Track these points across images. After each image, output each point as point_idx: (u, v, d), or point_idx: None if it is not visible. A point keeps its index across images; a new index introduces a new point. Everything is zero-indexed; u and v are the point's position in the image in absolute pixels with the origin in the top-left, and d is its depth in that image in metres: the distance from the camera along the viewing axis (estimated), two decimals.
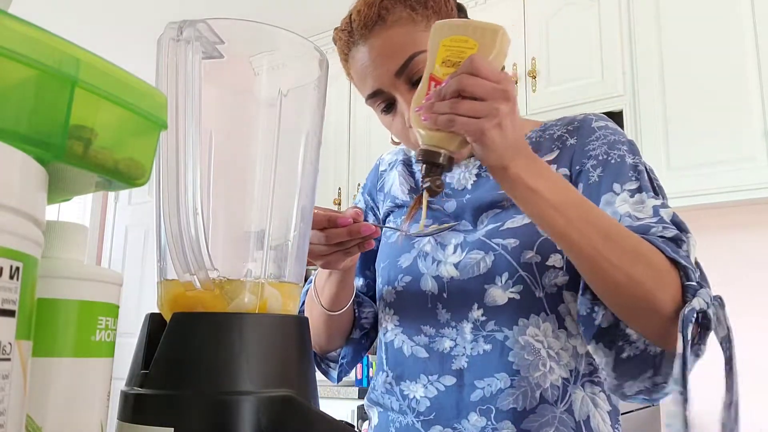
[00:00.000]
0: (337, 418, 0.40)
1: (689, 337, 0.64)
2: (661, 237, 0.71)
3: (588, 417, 0.78)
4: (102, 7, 2.98)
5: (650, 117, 2.15)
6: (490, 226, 0.83)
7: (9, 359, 0.25)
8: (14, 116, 0.29)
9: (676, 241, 0.71)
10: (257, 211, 0.46)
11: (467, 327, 0.80)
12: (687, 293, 0.67)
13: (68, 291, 0.37)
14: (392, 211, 0.97)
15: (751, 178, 1.94)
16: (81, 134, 0.32)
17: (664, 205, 0.76)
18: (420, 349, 0.84)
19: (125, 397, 0.40)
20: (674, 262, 0.68)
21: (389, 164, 1.02)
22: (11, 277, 0.25)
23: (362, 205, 1.03)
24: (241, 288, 0.43)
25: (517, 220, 0.81)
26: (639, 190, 0.77)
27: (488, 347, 0.79)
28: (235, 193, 0.48)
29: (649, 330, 0.71)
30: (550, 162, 0.84)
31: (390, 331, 0.88)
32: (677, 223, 0.74)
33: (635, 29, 2.23)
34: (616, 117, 2.24)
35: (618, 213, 0.76)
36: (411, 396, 0.83)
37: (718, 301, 0.69)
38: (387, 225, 0.96)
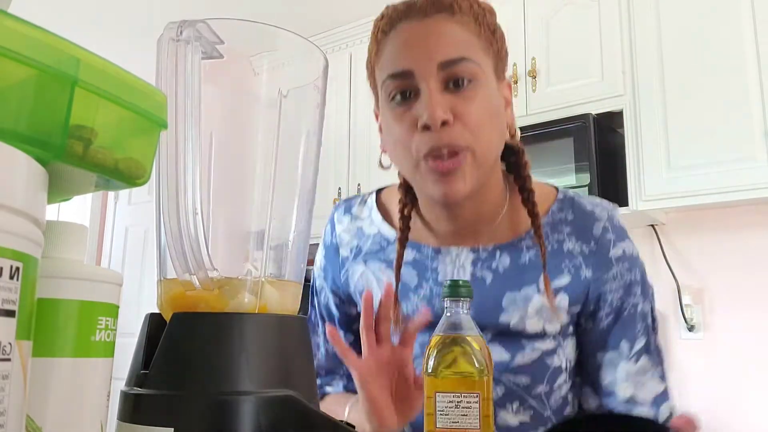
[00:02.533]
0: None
1: None
2: None
3: None
4: (102, 7, 2.97)
5: (650, 117, 2.15)
6: (498, 357, 0.79)
7: (9, 359, 0.25)
8: (14, 116, 0.29)
9: None
10: (257, 211, 0.46)
11: None
12: None
13: (68, 291, 0.37)
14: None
15: (751, 178, 1.94)
16: (81, 134, 0.32)
17: (665, 395, 0.78)
18: None
19: (125, 397, 0.40)
20: None
21: (351, 251, 0.90)
22: (11, 277, 0.25)
23: (327, 297, 0.93)
24: (240, 288, 0.43)
25: (527, 354, 0.79)
26: (645, 350, 0.79)
27: None
28: (235, 193, 0.48)
29: None
30: (561, 288, 0.79)
31: None
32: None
33: (635, 29, 2.23)
34: (616, 117, 2.24)
35: (616, 380, 0.79)
36: None
37: None
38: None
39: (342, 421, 0.40)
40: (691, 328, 2.22)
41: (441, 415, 0.59)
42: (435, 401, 0.60)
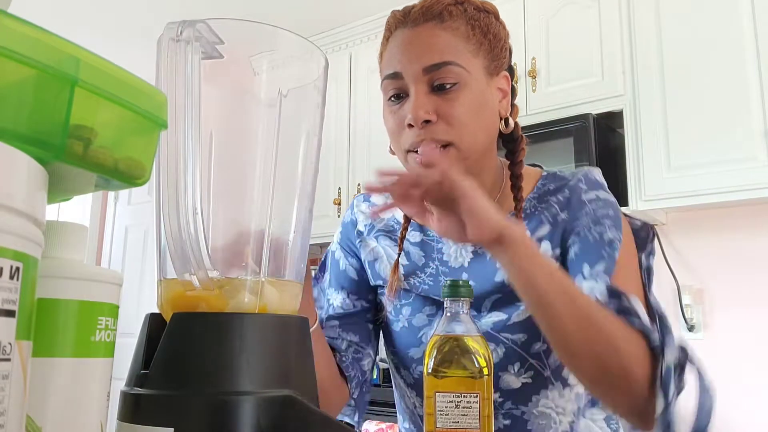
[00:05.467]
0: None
1: (672, 392, 0.70)
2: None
3: None
4: (102, 7, 2.98)
5: (650, 117, 2.15)
6: (496, 318, 0.85)
7: (9, 359, 0.25)
8: (14, 116, 0.29)
9: (621, 301, 0.74)
10: (257, 211, 0.46)
11: None
12: (655, 351, 0.72)
13: (68, 291, 0.37)
14: (384, 293, 0.96)
15: (751, 178, 1.94)
16: (81, 134, 0.32)
17: (615, 290, 0.77)
18: None
19: (125, 397, 0.40)
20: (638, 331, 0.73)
21: (366, 227, 0.99)
22: (11, 277, 0.25)
23: (345, 264, 1.00)
24: (240, 287, 0.43)
25: (522, 312, 0.84)
26: (605, 271, 0.78)
27: (507, 422, 0.85)
28: (235, 193, 0.48)
29: (625, 406, 0.73)
30: (542, 237, 0.86)
31: (419, 407, 0.92)
32: (612, 291, 0.76)
33: (635, 29, 2.23)
34: (616, 117, 2.24)
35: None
36: None
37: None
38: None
39: (342, 421, 0.40)
40: (691, 328, 2.22)
41: (441, 414, 0.60)
42: (435, 401, 0.60)
